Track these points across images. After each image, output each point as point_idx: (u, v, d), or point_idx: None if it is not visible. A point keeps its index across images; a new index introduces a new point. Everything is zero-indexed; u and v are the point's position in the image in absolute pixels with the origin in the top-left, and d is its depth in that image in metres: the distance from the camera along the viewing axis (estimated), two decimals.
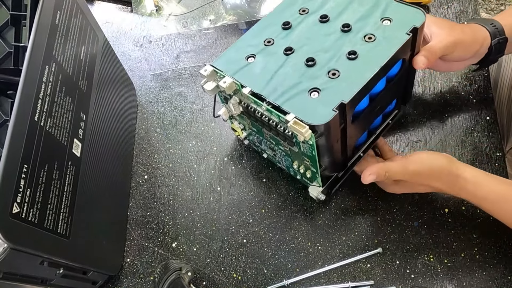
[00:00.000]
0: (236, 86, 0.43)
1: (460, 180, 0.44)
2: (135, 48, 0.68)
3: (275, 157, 0.51)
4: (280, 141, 0.45)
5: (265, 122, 0.42)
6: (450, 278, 0.46)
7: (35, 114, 0.36)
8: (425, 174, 0.45)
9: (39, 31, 0.39)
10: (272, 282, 0.49)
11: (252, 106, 0.43)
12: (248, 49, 0.45)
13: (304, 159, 0.44)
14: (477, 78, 0.56)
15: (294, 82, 0.40)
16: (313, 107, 0.38)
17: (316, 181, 0.47)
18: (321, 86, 0.39)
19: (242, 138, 0.53)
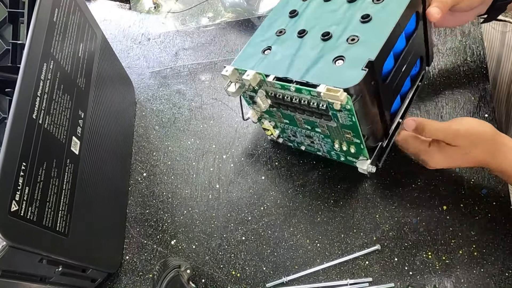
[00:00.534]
0: (260, 77, 0.43)
1: (504, 148, 0.43)
2: (133, 45, 0.68)
3: (314, 145, 0.50)
4: (316, 122, 0.44)
5: (296, 105, 0.42)
6: (448, 275, 0.46)
7: (33, 112, 0.36)
8: (468, 136, 0.43)
9: (36, 29, 0.38)
10: (271, 279, 0.49)
11: (280, 93, 0.43)
12: (262, 43, 0.46)
13: (345, 132, 0.43)
14: (476, 75, 0.56)
15: (316, 58, 0.41)
16: (342, 73, 0.38)
17: (362, 154, 0.45)
18: (344, 53, 0.39)
19: (276, 136, 0.53)
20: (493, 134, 0.43)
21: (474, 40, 0.58)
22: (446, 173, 0.51)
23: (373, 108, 0.41)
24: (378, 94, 0.40)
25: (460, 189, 0.50)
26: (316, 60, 0.41)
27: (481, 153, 0.43)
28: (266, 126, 0.52)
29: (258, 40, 0.47)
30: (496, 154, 0.43)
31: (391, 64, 0.42)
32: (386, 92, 0.42)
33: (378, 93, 0.40)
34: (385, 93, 0.41)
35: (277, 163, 0.55)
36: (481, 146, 0.43)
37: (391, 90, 0.44)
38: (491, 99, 0.55)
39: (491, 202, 0.49)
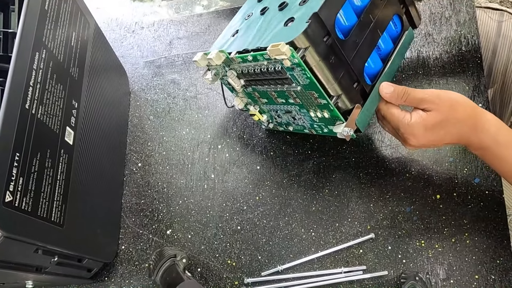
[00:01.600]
0: (224, 55, 0.45)
1: (483, 121, 0.41)
2: (127, 34, 0.67)
3: (296, 121, 0.50)
4: (285, 91, 0.45)
5: (260, 76, 0.43)
6: (440, 262, 0.47)
7: (26, 102, 0.36)
8: (448, 100, 0.41)
9: (28, 17, 0.38)
10: (266, 268, 0.49)
11: (244, 68, 0.44)
12: (232, 29, 0.50)
13: (311, 95, 0.43)
14: (471, 65, 0.56)
15: (272, 27, 0.42)
16: (290, 31, 0.39)
17: (337, 118, 0.45)
18: (294, 15, 0.41)
19: (265, 122, 0.54)
20: (473, 107, 0.42)
21: (469, 29, 0.58)
22: (440, 163, 0.52)
23: (334, 64, 0.41)
24: (337, 49, 0.40)
25: (453, 178, 0.51)
26: (272, 29, 0.42)
27: (461, 125, 0.42)
28: (252, 112, 0.52)
29: (230, 27, 0.51)
30: (477, 127, 0.42)
31: (352, 20, 0.42)
32: (349, 48, 0.41)
33: (338, 48, 0.40)
34: (348, 49, 0.41)
35: (272, 153, 0.55)
36: (463, 114, 0.41)
37: (357, 47, 0.43)
38: (485, 89, 0.55)
39: (483, 191, 0.50)
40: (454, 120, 0.41)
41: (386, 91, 0.43)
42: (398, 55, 0.47)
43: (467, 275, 0.46)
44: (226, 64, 0.46)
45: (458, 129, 0.42)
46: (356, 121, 0.43)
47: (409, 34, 0.49)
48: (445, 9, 0.59)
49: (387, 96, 0.43)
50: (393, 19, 0.47)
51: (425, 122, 0.42)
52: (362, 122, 0.44)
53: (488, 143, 0.42)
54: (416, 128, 0.42)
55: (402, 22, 0.48)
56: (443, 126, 0.42)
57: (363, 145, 0.54)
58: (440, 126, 0.42)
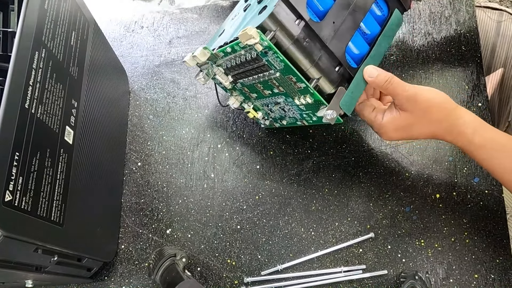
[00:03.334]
0: (208, 52, 0.45)
1: (460, 121, 0.41)
2: (126, 33, 0.67)
3: (287, 113, 0.50)
4: (268, 81, 0.45)
5: (241, 66, 0.44)
6: (440, 261, 0.47)
7: (26, 101, 0.36)
8: (424, 104, 0.41)
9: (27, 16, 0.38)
10: (266, 267, 0.49)
11: (228, 61, 0.45)
12: (220, 30, 0.52)
13: (291, 80, 0.43)
14: (470, 64, 0.56)
15: (249, 18, 0.43)
16: (261, 17, 0.40)
17: (320, 102, 0.44)
18: (268, 3, 0.41)
19: (261, 119, 0.54)
20: (450, 109, 0.41)
21: (468, 29, 0.58)
22: (439, 162, 0.52)
23: (309, 47, 0.40)
24: (310, 32, 0.40)
25: (452, 177, 0.51)
26: (248, 20, 0.43)
27: (434, 127, 0.42)
28: (247, 109, 0.53)
29: (219, 30, 0.52)
30: (451, 130, 0.42)
31: (328, 3, 0.42)
32: (326, 31, 0.41)
33: (311, 30, 0.40)
34: (325, 32, 0.41)
35: (272, 152, 0.55)
36: (435, 116, 0.41)
37: (336, 30, 0.42)
38: (485, 88, 0.55)
39: (483, 190, 0.50)
40: (426, 121, 0.42)
41: (370, 75, 0.42)
42: (384, 37, 0.46)
43: (467, 274, 0.46)
44: (213, 61, 0.47)
45: (430, 130, 0.43)
46: (341, 104, 0.42)
47: (395, 16, 0.47)
48: (444, 8, 0.59)
49: (370, 80, 0.43)
50: (377, 2, 0.47)
51: (396, 122, 0.43)
52: (347, 105, 0.43)
53: (462, 144, 0.42)
54: (387, 128, 0.43)
55: (387, 4, 0.47)
56: (414, 127, 0.43)
57: (363, 144, 0.54)
58: (412, 127, 0.43)
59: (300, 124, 0.51)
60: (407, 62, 0.57)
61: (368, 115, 0.45)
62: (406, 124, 0.42)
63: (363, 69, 0.44)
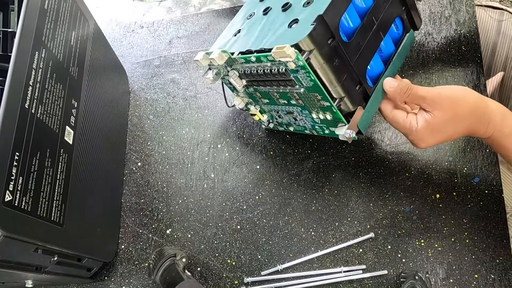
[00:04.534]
0: (226, 55, 0.45)
1: (488, 111, 0.42)
2: (126, 33, 0.67)
3: (298, 122, 0.51)
4: (287, 93, 0.45)
5: (263, 77, 0.43)
6: (440, 262, 0.47)
7: (26, 101, 0.36)
8: (450, 100, 0.41)
9: (27, 16, 0.38)
10: (266, 267, 0.49)
11: (247, 68, 0.44)
12: (233, 28, 0.49)
13: (314, 97, 0.43)
14: (470, 64, 0.56)
15: (276, 28, 0.42)
16: (295, 33, 0.39)
17: (339, 120, 0.45)
18: (298, 16, 0.40)
19: (266, 122, 0.54)
20: (475, 99, 0.42)
21: (469, 29, 0.58)
22: (439, 162, 0.52)
23: (338, 67, 0.41)
24: (341, 52, 0.40)
25: (453, 177, 0.51)
26: (275, 30, 0.42)
27: (466, 121, 0.42)
28: (253, 112, 0.53)
29: (232, 26, 0.50)
30: (482, 120, 0.42)
31: (356, 22, 0.43)
32: (352, 51, 0.42)
33: (341, 50, 0.40)
34: (351, 52, 0.41)
35: (272, 152, 0.55)
36: (464, 110, 0.42)
37: (360, 50, 0.43)
38: (485, 88, 0.55)
39: (483, 190, 0.50)
40: (458, 117, 0.42)
41: (390, 85, 0.43)
42: (398, 57, 0.48)
43: (467, 274, 0.46)
44: (228, 64, 0.46)
45: (464, 125, 0.42)
46: (358, 123, 0.43)
47: (410, 36, 0.49)
48: (444, 8, 0.59)
49: (391, 91, 0.43)
50: (395, 21, 0.47)
51: (431, 125, 0.42)
52: (363, 124, 0.44)
53: (494, 133, 0.42)
54: (424, 133, 0.43)
55: (403, 24, 0.48)
56: (449, 125, 0.42)
57: (363, 144, 0.54)
58: (447, 126, 0.42)
59: (309, 133, 0.51)
60: (407, 62, 0.57)
61: (403, 122, 0.44)
62: (440, 123, 0.42)
63: (383, 82, 0.44)
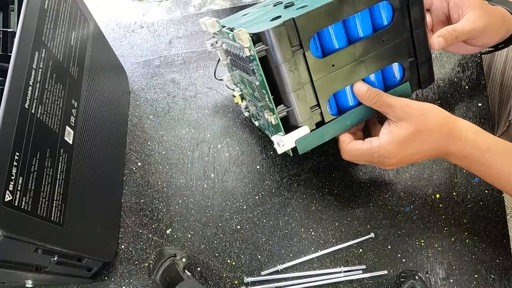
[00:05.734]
0: (219, 26, 0.45)
1: (458, 126, 0.40)
2: (126, 33, 0.67)
3: (260, 118, 0.50)
4: (252, 83, 0.45)
5: (235, 57, 0.44)
6: (440, 261, 0.47)
7: (26, 101, 0.36)
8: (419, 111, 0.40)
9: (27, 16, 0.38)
10: (266, 267, 0.49)
11: (228, 45, 0.45)
12: (245, 11, 0.51)
13: (264, 95, 0.42)
14: (470, 64, 0.56)
15: (265, 18, 0.42)
16: (266, 25, 0.39)
17: (279, 128, 0.43)
18: (283, 14, 0.40)
19: (243, 108, 0.54)
20: (446, 115, 0.41)
21: None
22: (439, 162, 0.52)
23: (294, 76, 0.40)
24: (303, 63, 0.39)
25: (452, 177, 0.51)
26: (264, 20, 0.42)
27: (436, 135, 0.40)
28: (235, 93, 0.53)
29: (245, 11, 0.52)
30: (454, 135, 0.40)
31: (341, 43, 0.41)
32: (319, 69, 0.40)
33: (304, 63, 0.39)
34: (318, 69, 0.40)
35: (272, 152, 0.55)
36: (433, 122, 0.40)
37: (331, 72, 0.41)
38: (485, 88, 0.55)
39: (483, 190, 0.50)
40: (427, 130, 0.40)
41: (360, 88, 0.42)
42: None
43: (467, 274, 0.46)
44: (221, 37, 0.47)
45: (434, 139, 0.40)
46: (297, 141, 0.42)
47: (403, 89, 0.45)
48: None
49: (359, 93, 0.42)
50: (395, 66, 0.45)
51: (396, 138, 0.40)
52: (303, 145, 0.42)
53: (469, 150, 0.40)
54: (388, 147, 0.41)
55: (404, 73, 0.45)
56: (416, 137, 0.40)
57: None
58: (414, 138, 0.40)
59: (268, 133, 0.51)
60: None
61: (362, 145, 0.42)
62: (407, 134, 0.40)
63: (341, 120, 0.43)
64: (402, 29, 0.42)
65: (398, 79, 0.46)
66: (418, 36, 0.43)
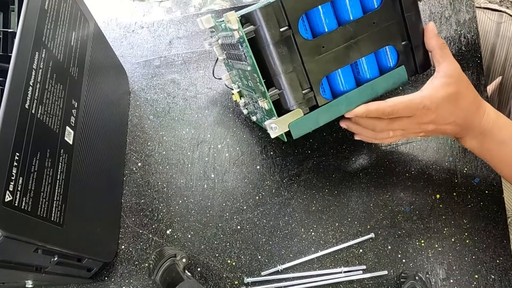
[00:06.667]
0: (213, 21, 0.45)
1: (484, 104, 0.43)
2: (126, 34, 0.67)
3: (256, 111, 0.50)
4: (245, 71, 0.44)
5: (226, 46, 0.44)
6: (440, 262, 0.47)
7: (26, 102, 0.36)
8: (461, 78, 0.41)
9: (28, 16, 0.38)
10: (266, 267, 0.49)
11: (222, 37, 0.45)
12: None
13: (255, 78, 0.42)
14: (470, 64, 0.56)
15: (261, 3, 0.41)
16: (254, 6, 0.39)
17: (272, 113, 0.43)
18: None
19: (242, 105, 0.54)
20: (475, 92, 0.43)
21: (469, 29, 0.58)
22: (440, 162, 0.52)
23: (284, 56, 0.39)
24: (291, 43, 0.39)
25: (453, 178, 0.51)
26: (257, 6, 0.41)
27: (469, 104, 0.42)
28: (234, 91, 0.53)
29: None
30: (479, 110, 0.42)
31: (331, 25, 0.41)
32: (310, 50, 0.40)
33: (294, 43, 0.39)
34: (308, 50, 0.40)
35: (272, 153, 0.55)
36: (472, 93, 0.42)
37: (321, 54, 0.41)
38: (485, 89, 0.55)
39: (483, 190, 0.50)
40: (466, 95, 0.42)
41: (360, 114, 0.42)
42: (374, 85, 0.44)
43: (467, 274, 0.46)
44: (217, 32, 0.47)
45: (467, 106, 0.42)
46: (291, 125, 0.41)
47: (398, 72, 0.44)
48: (445, 8, 0.59)
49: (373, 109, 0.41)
50: (388, 50, 0.45)
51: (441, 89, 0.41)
52: (297, 129, 0.42)
53: (490, 126, 0.42)
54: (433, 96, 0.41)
55: (398, 57, 0.45)
56: (457, 97, 0.41)
57: (363, 144, 0.54)
58: (455, 96, 0.41)
59: (263, 127, 0.50)
60: None
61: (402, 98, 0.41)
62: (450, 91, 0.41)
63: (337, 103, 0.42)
64: (393, 12, 0.43)
65: (392, 63, 0.45)
66: (410, 19, 0.44)
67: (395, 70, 0.45)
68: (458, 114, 0.42)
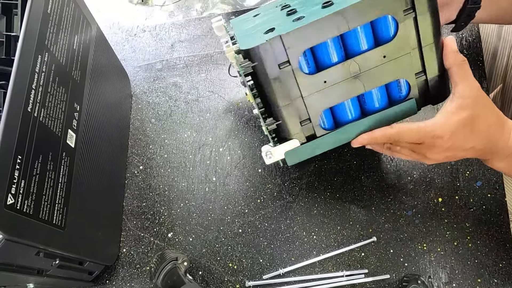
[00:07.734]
0: (225, 29, 0.45)
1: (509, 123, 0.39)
2: (128, 37, 0.67)
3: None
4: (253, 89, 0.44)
5: None
6: (443, 266, 0.47)
7: (28, 105, 0.36)
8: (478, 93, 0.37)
9: (31, 20, 0.38)
10: (268, 271, 0.49)
11: None
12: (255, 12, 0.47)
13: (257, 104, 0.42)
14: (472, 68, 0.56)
15: (264, 27, 0.40)
16: (256, 39, 0.37)
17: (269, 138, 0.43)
18: (277, 26, 0.38)
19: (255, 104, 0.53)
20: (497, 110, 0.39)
21: (470, 32, 0.58)
22: (441, 166, 0.51)
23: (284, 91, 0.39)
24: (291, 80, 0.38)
25: (455, 181, 0.50)
26: (263, 29, 0.40)
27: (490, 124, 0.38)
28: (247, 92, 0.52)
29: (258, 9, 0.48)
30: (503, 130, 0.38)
31: (338, 58, 0.39)
32: (310, 86, 0.39)
33: (293, 79, 0.38)
34: (308, 86, 0.39)
35: None
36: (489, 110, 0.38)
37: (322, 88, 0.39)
38: (487, 92, 0.55)
39: (485, 194, 0.50)
40: (483, 119, 0.38)
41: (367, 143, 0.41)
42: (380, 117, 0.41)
43: (470, 278, 0.46)
44: None
45: (486, 130, 0.38)
46: (286, 153, 0.42)
47: (408, 105, 0.41)
48: None
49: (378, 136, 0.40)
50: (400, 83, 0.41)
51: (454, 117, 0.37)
52: (293, 158, 0.42)
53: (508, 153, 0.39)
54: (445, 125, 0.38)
55: (409, 89, 0.41)
56: (472, 123, 0.37)
57: (365, 148, 0.54)
58: (471, 122, 0.37)
59: None
60: None
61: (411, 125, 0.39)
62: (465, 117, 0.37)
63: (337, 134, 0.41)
64: (407, 44, 0.39)
65: (403, 95, 0.42)
66: (427, 51, 0.39)
67: (405, 103, 0.41)
68: (477, 138, 0.38)
